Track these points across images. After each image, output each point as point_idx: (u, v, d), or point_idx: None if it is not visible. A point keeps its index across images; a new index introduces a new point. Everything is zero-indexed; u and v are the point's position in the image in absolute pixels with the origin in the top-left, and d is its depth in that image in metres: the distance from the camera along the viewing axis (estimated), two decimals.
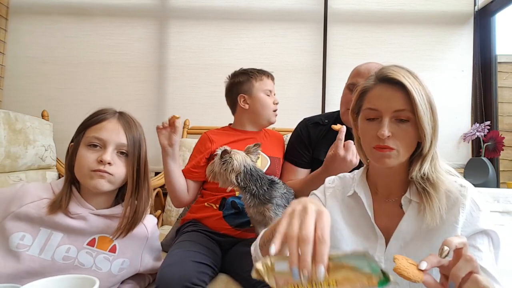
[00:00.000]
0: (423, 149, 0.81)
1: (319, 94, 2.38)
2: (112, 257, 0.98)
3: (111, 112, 1.00)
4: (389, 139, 0.79)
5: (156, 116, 2.38)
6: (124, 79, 2.38)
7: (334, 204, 0.94)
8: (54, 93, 2.34)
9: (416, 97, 0.78)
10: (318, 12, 2.42)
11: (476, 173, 2.12)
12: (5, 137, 1.60)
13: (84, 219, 0.96)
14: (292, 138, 1.52)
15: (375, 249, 0.85)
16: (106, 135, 0.95)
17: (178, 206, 1.43)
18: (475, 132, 2.20)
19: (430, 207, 0.78)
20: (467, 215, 0.79)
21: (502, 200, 1.39)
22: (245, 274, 1.11)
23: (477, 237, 0.78)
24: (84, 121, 0.99)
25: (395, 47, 2.38)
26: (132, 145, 0.98)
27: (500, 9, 2.29)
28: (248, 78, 1.47)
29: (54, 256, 0.92)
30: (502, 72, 2.47)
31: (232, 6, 2.42)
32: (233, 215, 1.32)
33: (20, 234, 0.91)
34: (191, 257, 1.10)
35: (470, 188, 0.82)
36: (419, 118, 0.78)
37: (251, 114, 1.47)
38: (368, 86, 0.86)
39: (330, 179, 1.01)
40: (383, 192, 0.89)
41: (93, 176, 0.93)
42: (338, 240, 0.89)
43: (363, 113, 0.86)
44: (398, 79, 0.79)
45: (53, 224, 0.93)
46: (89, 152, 0.94)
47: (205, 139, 1.44)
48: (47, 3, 2.41)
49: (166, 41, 2.42)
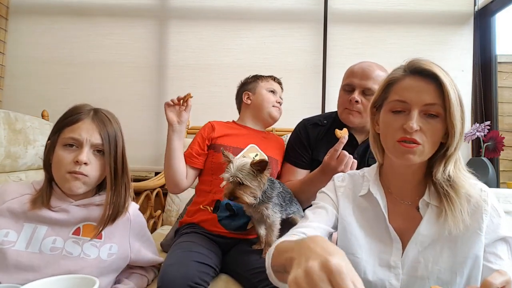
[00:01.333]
0: (449, 149, 0.77)
1: (319, 94, 2.38)
2: (99, 243, 1.00)
3: (86, 111, 1.01)
4: (416, 133, 0.74)
5: (156, 116, 2.38)
6: (124, 79, 2.38)
7: (347, 205, 0.89)
8: (54, 93, 2.34)
9: (450, 90, 0.74)
10: (318, 12, 2.41)
11: (476, 173, 2.10)
12: (5, 137, 1.60)
13: (65, 211, 0.98)
14: (291, 139, 1.51)
15: (391, 253, 0.81)
16: (81, 135, 0.96)
17: (174, 191, 1.41)
18: (475, 132, 2.20)
19: (452, 212, 0.75)
20: (489, 221, 0.76)
21: (502, 200, 1.39)
22: (246, 274, 1.11)
23: (497, 245, 0.76)
24: (59, 121, 1.01)
25: (395, 47, 2.38)
26: (108, 143, 1.00)
27: (500, 9, 2.29)
28: (255, 79, 1.55)
29: (41, 248, 0.94)
30: (502, 72, 2.47)
31: (232, 6, 2.42)
32: (228, 217, 1.31)
33: (4, 231, 0.92)
34: (192, 257, 1.10)
35: (490, 193, 0.79)
36: (451, 113, 0.73)
37: (252, 108, 1.51)
38: (396, 77, 0.81)
39: (339, 176, 0.96)
40: (397, 193, 0.85)
41: (68, 179, 0.95)
42: (352, 244, 0.85)
43: (388, 105, 0.80)
44: (433, 70, 0.75)
45: (36, 218, 0.95)
46: (65, 152, 0.96)
47: (208, 126, 1.46)
48: (47, 3, 2.41)
49: (166, 41, 2.42)
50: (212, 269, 1.12)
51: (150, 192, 1.89)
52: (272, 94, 1.51)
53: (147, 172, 2.41)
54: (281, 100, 1.54)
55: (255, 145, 1.43)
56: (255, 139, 1.45)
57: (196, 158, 1.38)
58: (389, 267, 0.80)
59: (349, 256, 0.85)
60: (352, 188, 0.91)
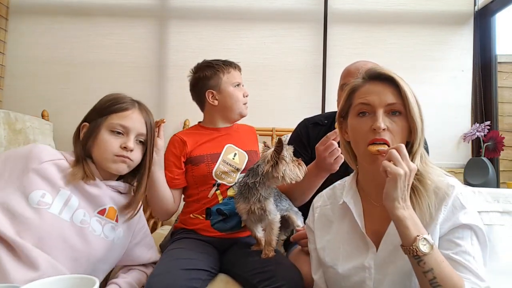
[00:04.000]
0: (414, 145, 0.82)
1: (319, 94, 2.38)
2: (116, 226, 1.05)
3: (130, 101, 1.09)
4: (385, 132, 0.80)
5: (156, 116, 2.33)
6: (124, 79, 2.38)
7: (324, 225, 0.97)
8: (54, 93, 2.34)
9: (407, 90, 0.81)
10: (318, 12, 2.41)
11: (476, 173, 2.12)
12: (5, 137, 1.60)
13: (98, 187, 1.02)
14: (292, 138, 1.52)
15: (366, 258, 0.84)
16: (131, 124, 1.04)
17: (164, 218, 1.38)
18: (475, 132, 2.20)
19: (420, 206, 0.78)
20: (448, 212, 0.79)
21: (502, 200, 1.39)
22: (245, 275, 1.11)
23: (455, 232, 0.77)
24: (104, 106, 1.06)
25: (395, 47, 2.37)
26: (151, 134, 1.10)
27: (500, 9, 2.29)
28: (214, 72, 1.37)
29: (73, 218, 0.96)
30: (502, 72, 2.46)
31: (232, 6, 2.42)
32: (222, 221, 1.30)
33: (41, 192, 0.93)
34: (179, 266, 1.07)
35: (457, 188, 0.81)
36: (410, 110, 0.80)
37: (221, 110, 1.39)
38: (357, 85, 0.87)
39: (318, 197, 1.04)
40: (374, 196, 0.88)
41: (116, 160, 1.01)
42: (331, 259, 0.91)
43: (354, 110, 0.86)
44: (389, 74, 0.83)
45: (72, 187, 0.98)
46: (112, 138, 1.02)
47: (178, 142, 1.36)
48: (47, 3, 2.41)
49: (166, 41, 2.42)
50: (205, 272, 1.11)
51: None
52: (238, 88, 1.39)
53: None
54: (247, 93, 1.42)
55: (231, 144, 1.39)
56: (229, 138, 1.40)
57: (178, 180, 1.33)
58: (364, 269, 0.85)
59: (329, 270, 0.92)
60: (333, 201, 0.98)
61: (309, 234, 1.04)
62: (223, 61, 1.41)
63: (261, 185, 1.11)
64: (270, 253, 1.13)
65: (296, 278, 1.06)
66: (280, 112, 2.34)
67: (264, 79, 2.34)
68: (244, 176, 1.17)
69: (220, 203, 1.31)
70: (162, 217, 1.37)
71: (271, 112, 2.32)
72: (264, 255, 1.14)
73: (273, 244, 1.15)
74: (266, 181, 1.11)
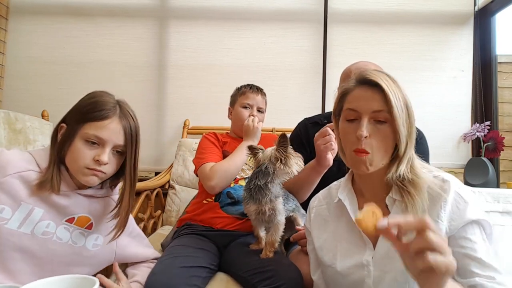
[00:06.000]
0: (399, 150, 0.82)
1: (319, 94, 2.38)
2: (87, 233, 1.01)
3: (112, 107, 0.98)
4: (366, 140, 0.81)
5: (156, 116, 2.38)
6: (124, 79, 2.38)
7: (320, 224, 0.97)
8: (54, 93, 2.34)
9: (392, 98, 0.80)
10: (318, 12, 2.42)
11: (476, 173, 2.12)
12: (5, 137, 1.60)
13: (68, 196, 0.98)
14: (291, 137, 1.52)
15: (364, 255, 0.85)
16: (107, 136, 0.95)
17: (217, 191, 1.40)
18: (475, 132, 2.20)
19: (412, 205, 0.79)
20: (453, 208, 0.78)
21: (502, 200, 1.39)
22: (244, 274, 1.10)
23: (467, 228, 0.77)
24: (83, 111, 0.96)
25: (395, 47, 2.38)
26: (130, 145, 1.00)
27: (500, 9, 2.29)
28: (236, 92, 1.59)
29: (34, 230, 0.93)
30: (502, 72, 2.47)
31: (232, 6, 2.42)
32: (230, 204, 1.35)
33: (0, 207, 0.90)
34: (178, 264, 1.08)
35: (453, 182, 0.82)
36: (394, 118, 0.80)
37: (232, 124, 1.60)
38: (349, 88, 0.88)
39: (314, 198, 1.05)
40: (369, 194, 0.89)
41: (86, 173, 0.95)
42: (329, 258, 0.92)
43: (343, 114, 0.87)
44: (376, 80, 0.81)
45: (36, 199, 0.94)
46: (86, 148, 0.94)
47: (212, 135, 1.54)
48: (47, 3, 2.41)
49: (166, 41, 2.42)
50: (205, 269, 1.12)
51: (150, 192, 1.89)
52: (245, 110, 1.52)
53: (147, 172, 2.41)
54: (255, 113, 1.53)
55: None
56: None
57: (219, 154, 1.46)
58: (362, 266, 0.85)
59: (328, 269, 0.92)
60: (329, 201, 0.99)
61: (307, 235, 1.05)
62: (247, 85, 1.59)
63: (272, 183, 1.13)
64: (270, 254, 1.13)
65: (296, 278, 1.06)
66: (280, 112, 2.34)
67: (264, 79, 2.34)
68: (251, 180, 1.16)
69: (231, 187, 1.38)
70: (223, 185, 1.38)
71: (271, 112, 2.31)
72: (264, 255, 1.14)
73: (275, 245, 1.15)
74: (276, 179, 1.14)
